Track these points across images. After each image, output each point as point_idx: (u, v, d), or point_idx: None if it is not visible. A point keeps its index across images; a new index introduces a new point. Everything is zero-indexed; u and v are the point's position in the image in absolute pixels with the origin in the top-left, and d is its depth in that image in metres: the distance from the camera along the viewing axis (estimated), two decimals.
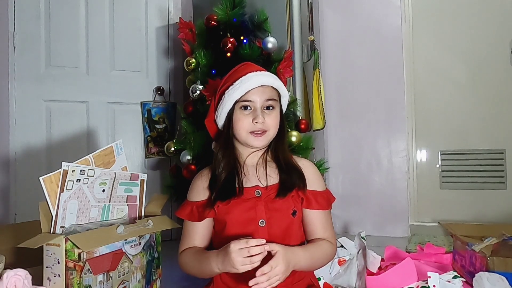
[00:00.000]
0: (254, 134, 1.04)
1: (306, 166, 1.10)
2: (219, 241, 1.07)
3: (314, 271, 1.16)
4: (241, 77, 1.04)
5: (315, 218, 1.07)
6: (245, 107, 1.04)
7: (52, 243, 1.04)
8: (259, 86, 1.03)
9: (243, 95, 1.03)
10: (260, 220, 1.01)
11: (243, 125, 1.04)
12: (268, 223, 1.01)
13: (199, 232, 1.09)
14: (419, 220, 2.46)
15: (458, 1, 2.43)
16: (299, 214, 1.05)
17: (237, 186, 1.03)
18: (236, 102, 1.04)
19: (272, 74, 1.08)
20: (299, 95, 2.08)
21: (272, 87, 1.06)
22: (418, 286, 0.99)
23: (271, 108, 1.05)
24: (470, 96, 2.40)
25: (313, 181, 1.08)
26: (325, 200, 1.08)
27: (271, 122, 1.04)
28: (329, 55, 2.53)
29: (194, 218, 1.07)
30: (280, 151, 1.09)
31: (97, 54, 2.31)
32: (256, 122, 1.02)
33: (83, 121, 2.29)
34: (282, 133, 1.10)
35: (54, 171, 1.10)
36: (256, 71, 1.06)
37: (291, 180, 1.04)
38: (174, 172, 1.92)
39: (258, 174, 1.06)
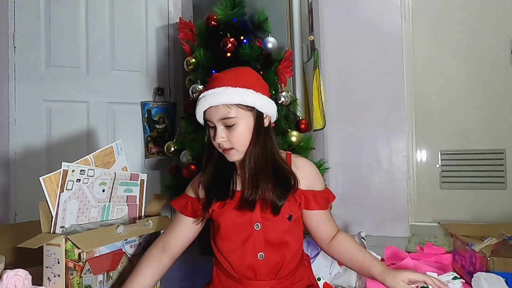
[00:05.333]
0: (222, 151, 1.01)
1: (304, 165, 1.07)
2: (216, 245, 1.06)
3: (314, 271, 1.16)
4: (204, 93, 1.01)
5: (318, 218, 1.06)
6: (209, 125, 1.01)
7: (52, 243, 1.04)
8: (209, 108, 0.99)
9: (205, 114, 1.01)
10: (255, 224, 1.00)
11: (212, 141, 1.01)
12: (263, 227, 1.00)
13: (182, 231, 1.08)
14: (419, 220, 2.46)
15: (458, 1, 2.42)
16: (296, 217, 1.03)
17: (230, 189, 1.02)
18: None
19: (229, 88, 0.97)
20: (299, 95, 2.08)
21: (225, 105, 0.97)
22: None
23: (231, 125, 0.98)
24: (470, 96, 2.39)
25: (312, 181, 1.05)
26: (324, 200, 1.06)
27: (234, 140, 0.98)
28: (329, 55, 2.52)
29: (187, 212, 1.06)
30: (256, 161, 0.99)
31: (97, 54, 2.31)
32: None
33: (83, 121, 2.29)
34: (259, 141, 1.00)
35: (54, 171, 1.10)
36: (212, 88, 0.99)
37: (279, 197, 0.98)
38: (174, 172, 1.92)
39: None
